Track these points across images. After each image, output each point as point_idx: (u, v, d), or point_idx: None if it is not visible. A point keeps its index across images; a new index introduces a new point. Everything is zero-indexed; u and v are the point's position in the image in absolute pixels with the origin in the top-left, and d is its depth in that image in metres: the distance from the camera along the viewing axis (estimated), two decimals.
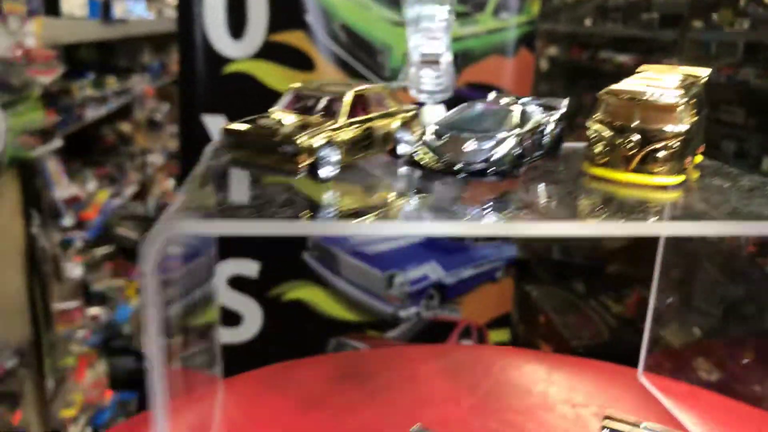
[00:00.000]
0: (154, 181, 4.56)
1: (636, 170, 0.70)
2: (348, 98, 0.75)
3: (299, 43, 2.68)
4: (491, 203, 0.68)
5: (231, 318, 2.89)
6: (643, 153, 0.68)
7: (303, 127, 0.70)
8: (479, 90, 2.84)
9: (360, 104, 0.77)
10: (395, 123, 0.81)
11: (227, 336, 2.87)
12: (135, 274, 4.08)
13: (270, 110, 0.78)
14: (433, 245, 2.99)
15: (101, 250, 3.80)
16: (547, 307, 3.96)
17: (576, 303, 3.97)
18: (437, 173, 0.72)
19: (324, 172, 0.69)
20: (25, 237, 2.59)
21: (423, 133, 0.75)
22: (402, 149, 0.79)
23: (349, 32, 2.71)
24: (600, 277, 4.05)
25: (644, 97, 0.69)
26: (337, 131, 0.73)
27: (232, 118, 3.06)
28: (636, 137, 0.68)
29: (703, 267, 2.64)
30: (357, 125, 0.76)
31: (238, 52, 2.70)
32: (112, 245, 4.01)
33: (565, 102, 0.83)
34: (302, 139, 0.68)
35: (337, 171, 0.72)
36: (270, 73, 2.74)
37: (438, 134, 0.75)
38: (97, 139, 4.12)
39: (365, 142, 0.77)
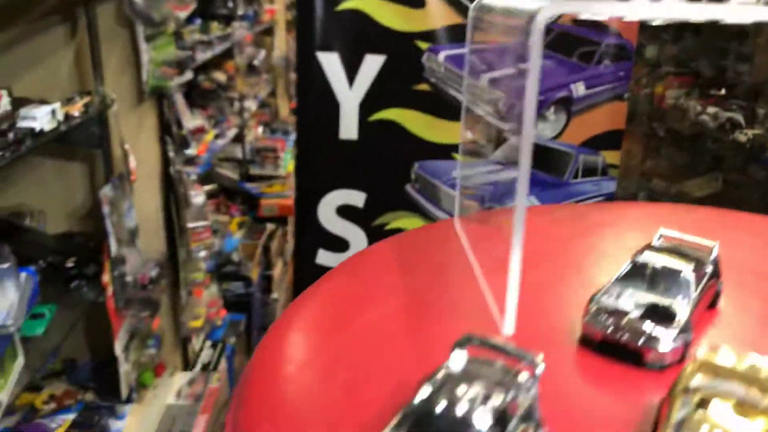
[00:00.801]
0: (249, 127, 4.79)
1: None
2: None
3: None
4: None
5: (339, 244, 3.10)
6: None
7: None
8: (582, 27, 2.88)
9: None
10: None
11: (335, 260, 3.08)
12: (236, 211, 4.35)
13: None
14: (531, 180, 3.08)
15: (206, 187, 4.06)
16: None
17: None
18: None
19: None
20: (161, 160, 2.84)
21: None
22: None
23: None
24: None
25: None
26: None
27: (345, 56, 3.17)
28: None
29: None
30: None
31: None
32: (214, 184, 4.28)
33: None
34: None
35: None
36: (380, 10, 2.87)
37: None
38: (195, 85, 4.35)
39: None
